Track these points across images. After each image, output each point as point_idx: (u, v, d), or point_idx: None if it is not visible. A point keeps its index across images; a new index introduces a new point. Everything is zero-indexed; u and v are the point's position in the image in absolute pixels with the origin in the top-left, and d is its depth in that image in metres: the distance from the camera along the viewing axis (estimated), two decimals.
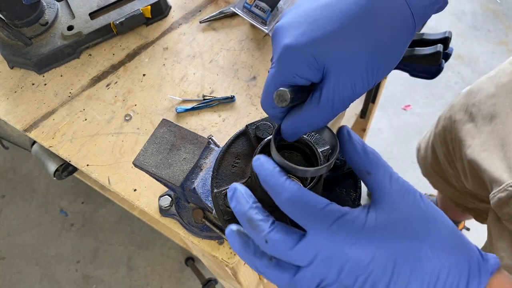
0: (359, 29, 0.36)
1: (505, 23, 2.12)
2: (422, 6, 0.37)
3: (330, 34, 0.37)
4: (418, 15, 0.37)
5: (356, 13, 0.37)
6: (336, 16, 0.37)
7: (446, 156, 1.04)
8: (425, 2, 0.37)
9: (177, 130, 0.58)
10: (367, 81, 0.38)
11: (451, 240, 0.37)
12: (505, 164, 0.74)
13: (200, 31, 0.91)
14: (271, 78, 0.39)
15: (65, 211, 1.74)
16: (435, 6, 0.38)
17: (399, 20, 0.37)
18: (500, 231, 0.79)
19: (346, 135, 0.40)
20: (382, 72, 0.38)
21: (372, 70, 0.37)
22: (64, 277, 1.63)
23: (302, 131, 0.40)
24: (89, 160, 0.77)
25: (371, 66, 0.37)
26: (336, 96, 0.37)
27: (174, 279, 1.60)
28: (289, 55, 0.37)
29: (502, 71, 0.85)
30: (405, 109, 1.93)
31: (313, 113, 0.38)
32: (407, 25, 0.37)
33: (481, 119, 0.85)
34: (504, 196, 0.72)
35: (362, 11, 0.36)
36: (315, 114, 0.38)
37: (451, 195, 1.17)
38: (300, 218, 0.36)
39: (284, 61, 0.38)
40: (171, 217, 0.71)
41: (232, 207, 0.38)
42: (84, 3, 0.90)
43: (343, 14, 0.37)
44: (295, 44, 0.37)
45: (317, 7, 0.38)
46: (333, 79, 0.37)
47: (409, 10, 0.37)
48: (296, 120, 0.39)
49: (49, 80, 0.87)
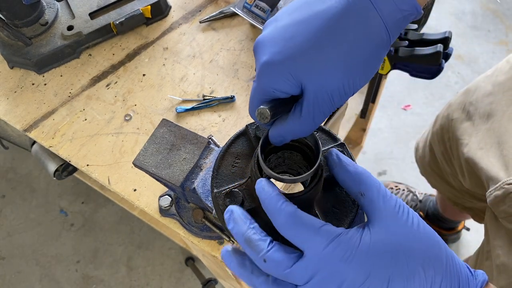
0: (334, 46, 0.38)
1: (505, 23, 2.12)
2: (396, 20, 0.38)
3: (305, 51, 0.38)
4: (392, 28, 0.38)
5: (330, 29, 0.38)
6: (311, 33, 0.38)
7: (443, 154, 1.04)
8: (399, 15, 0.38)
9: (177, 130, 0.58)
10: (345, 93, 0.39)
11: (442, 258, 0.38)
12: (501, 162, 0.75)
13: (200, 31, 0.91)
14: (253, 92, 0.41)
15: (65, 211, 1.74)
16: (409, 18, 0.39)
17: (374, 34, 0.38)
18: (496, 229, 0.79)
19: (336, 159, 0.41)
20: (358, 83, 0.40)
21: (349, 83, 0.39)
22: (64, 277, 1.63)
23: (288, 139, 0.41)
24: (89, 160, 0.77)
25: (347, 79, 0.39)
26: (316, 110, 0.39)
27: (174, 279, 1.60)
28: (267, 72, 0.39)
29: (499, 70, 0.85)
30: (405, 109, 1.92)
31: (296, 125, 0.40)
32: (381, 39, 0.38)
33: (478, 118, 0.85)
34: (501, 194, 0.72)
35: (336, 28, 0.38)
36: (298, 125, 0.40)
37: (449, 194, 1.17)
38: (296, 239, 0.37)
39: (264, 77, 0.40)
40: (171, 217, 0.71)
41: (230, 228, 0.39)
42: (84, 3, 0.90)
43: (317, 30, 0.38)
44: (272, 61, 0.39)
45: (294, 23, 0.40)
46: (311, 94, 0.39)
47: (383, 24, 0.38)
48: (282, 130, 0.41)
49: (49, 80, 0.87)
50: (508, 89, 0.80)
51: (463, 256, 1.56)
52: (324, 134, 0.49)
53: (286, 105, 0.40)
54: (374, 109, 1.46)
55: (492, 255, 0.80)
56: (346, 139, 1.64)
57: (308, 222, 0.36)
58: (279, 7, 0.85)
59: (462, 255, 1.58)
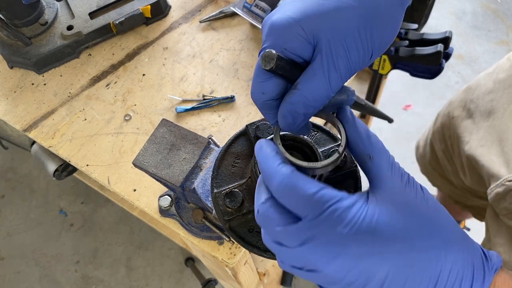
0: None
1: (506, 23, 2.12)
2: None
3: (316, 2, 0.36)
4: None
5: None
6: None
7: (444, 152, 1.04)
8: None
9: (177, 130, 0.58)
10: (362, 47, 0.36)
11: (455, 237, 0.35)
12: (502, 159, 0.74)
13: (200, 31, 0.91)
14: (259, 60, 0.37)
15: (64, 211, 1.74)
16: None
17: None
18: (498, 227, 0.79)
19: (350, 116, 0.38)
20: (376, 39, 0.36)
21: (366, 35, 0.36)
22: (63, 277, 1.62)
23: (300, 113, 0.36)
24: (88, 160, 0.77)
25: (363, 30, 0.36)
26: (331, 64, 0.35)
27: (174, 279, 1.60)
28: (277, 30, 0.36)
29: (500, 67, 0.85)
30: (405, 109, 1.92)
31: (309, 88, 0.35)
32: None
33: (479, 115, 0.85)
34: (502, 191, 0.72)
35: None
36: (312, 89, 0.35)
37: (450, 192, 1.17)
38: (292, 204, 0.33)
39: (273, 36, 0.36)
40: (171, 217, 0.70)
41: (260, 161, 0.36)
42: (83, 3, 0.89)
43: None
44: (282, 18, 0.36)
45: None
46: (325, 47, 0.35)
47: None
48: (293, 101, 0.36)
49: (48, 80, 0.86)
50: (508, 86, 0.80)
51: None
52: (324, 134, 0.49)
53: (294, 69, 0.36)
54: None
55: None
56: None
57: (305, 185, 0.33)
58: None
59: None
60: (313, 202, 0.32)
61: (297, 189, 0.33)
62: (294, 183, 0.33)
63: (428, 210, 0.35)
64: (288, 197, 0.34)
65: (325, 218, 0.32)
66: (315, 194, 0.33)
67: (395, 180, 0.35)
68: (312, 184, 0.33)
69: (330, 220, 0.32)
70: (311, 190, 0.33)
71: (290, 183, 0.33)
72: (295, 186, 0.33)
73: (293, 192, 0.33)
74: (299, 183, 0.33)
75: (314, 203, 0.32)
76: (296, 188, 0.33)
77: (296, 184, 0.33)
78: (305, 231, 0.32)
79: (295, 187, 0.33)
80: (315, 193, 0.33)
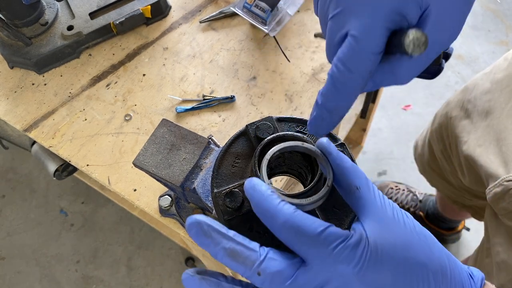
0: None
1: (506, 23, 2.12)
2: None
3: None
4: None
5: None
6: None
7: (442, 152, 1.04)
8: None
9: (177, 130, 0.58)
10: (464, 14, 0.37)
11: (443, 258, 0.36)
12: (500, 159, 0.75)
13: (200, 31, 0.91)
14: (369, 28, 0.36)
15: (65, 211, 1.74)
16: None
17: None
18: (496, 226, 0.80)
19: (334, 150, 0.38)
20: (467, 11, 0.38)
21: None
22: (64, 277, 1.62)
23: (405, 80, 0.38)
24: (89, 160, 0.77)
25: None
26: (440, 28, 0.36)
27: (174, 279, 1.60)
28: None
29: (497, 67, 0.85)
30: (405, 109, 1.92)
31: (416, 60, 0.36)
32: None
33: (477, 115, 0.85)
34: (500, 190, 0.72)
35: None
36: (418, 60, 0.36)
37: (449, 192, 1.17)
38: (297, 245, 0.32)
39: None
40: (171, 217, 0.71)
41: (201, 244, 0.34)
42: (84, 3, 0.90)
43: None
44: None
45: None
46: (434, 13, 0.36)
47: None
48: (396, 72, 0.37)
49: (49, 80, 0.86)
50: (506, 86, 0.81)
51: (463, 256, 1.56)
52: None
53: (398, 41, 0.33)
54: (374, 109, 1.46)
55: (492, 252, 0.80)
56: (346, 139, 1.64)
57: (310, 225, 0.32)
58: (279, 7, 0.85)
59: (462, 255, 1.58)
60: (319, 242, 0.32)
61: (303, 229, 0.32)
62: (298, 223, 0.32)
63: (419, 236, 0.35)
64: (293, 237, 0.32)
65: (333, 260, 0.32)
66: (321, 234, 0.32)
67: (386, 210, 0.35)
68: (317, 223, 0.33)
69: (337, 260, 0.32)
70: (316, 230, 0.32)
71: (295, 223, 0.32)
72: (300, 226, 0.32)
73: (298, 232, 0.32)
74: (304, 222, 0.32)
75: (320, 244, 0.32)
76: (301, 228, 0.32)
77: (301, 223, 0.32)
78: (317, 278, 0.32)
79: (300, 227, 0.32)
80: (321, 233, 0.32)
